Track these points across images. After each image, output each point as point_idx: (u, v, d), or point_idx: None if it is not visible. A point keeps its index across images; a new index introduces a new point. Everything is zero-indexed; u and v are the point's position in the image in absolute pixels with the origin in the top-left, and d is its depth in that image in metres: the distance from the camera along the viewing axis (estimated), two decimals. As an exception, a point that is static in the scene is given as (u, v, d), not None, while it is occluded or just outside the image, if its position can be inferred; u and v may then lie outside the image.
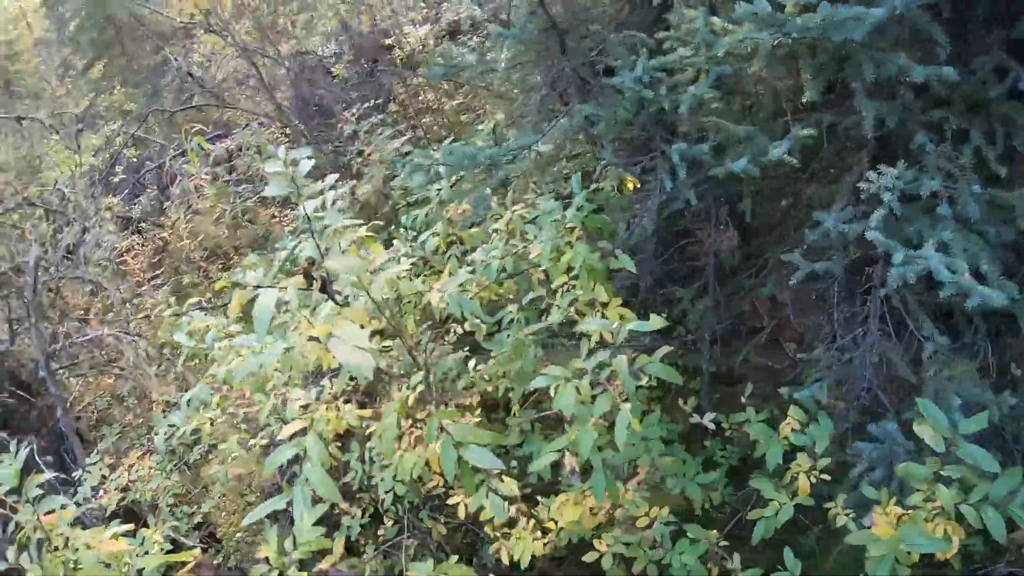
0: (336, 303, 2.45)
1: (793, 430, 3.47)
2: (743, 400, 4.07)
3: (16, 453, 2.59)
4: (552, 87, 4.79)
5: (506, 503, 3.55)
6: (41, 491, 2.64)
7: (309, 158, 2.39)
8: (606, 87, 3.92)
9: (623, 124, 4.01)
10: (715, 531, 3.69)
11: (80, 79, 10.19)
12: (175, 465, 4.79)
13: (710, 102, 3.48)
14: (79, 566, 2.65)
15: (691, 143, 3.62)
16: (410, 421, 4.01)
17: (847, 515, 2.97)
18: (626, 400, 2.72)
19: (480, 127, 8.09)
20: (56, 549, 2.64)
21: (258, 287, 2.21)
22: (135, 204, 8.56)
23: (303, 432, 2.43)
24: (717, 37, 3.05)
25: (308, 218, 2.34)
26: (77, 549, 2.60)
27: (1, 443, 3.79)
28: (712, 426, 4.20)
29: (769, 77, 3.29)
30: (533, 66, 4.78)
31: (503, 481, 3.63)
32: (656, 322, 2.88)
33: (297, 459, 2.85)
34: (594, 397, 2.73)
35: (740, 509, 4.22)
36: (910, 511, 2.60)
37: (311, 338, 2.22)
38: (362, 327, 2.14)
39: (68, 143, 6.35)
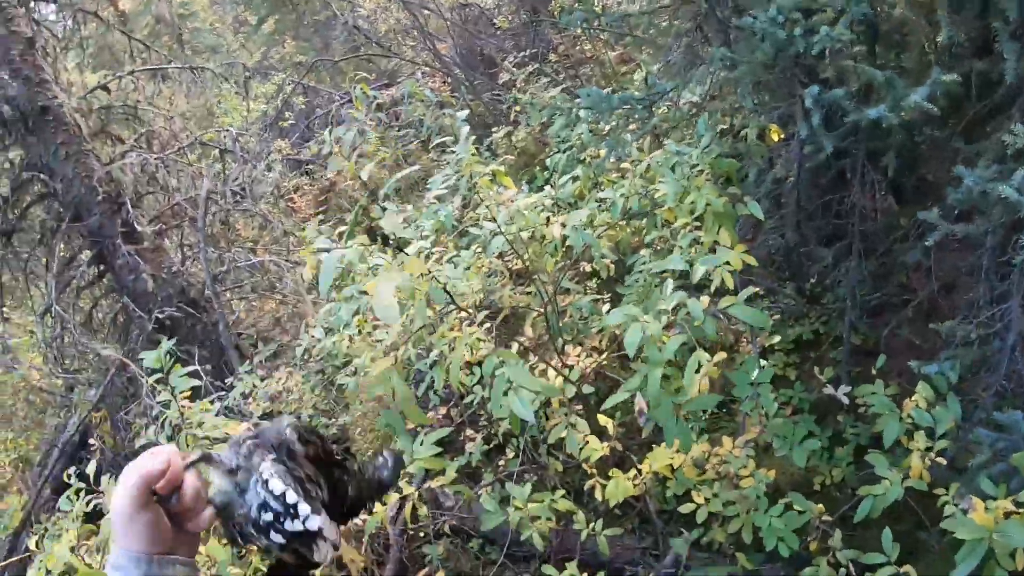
0: (398, 254, 2.63)
1: (917, 406, 3.18)
2: (873, 372, 3.78)
3: (163, 346, 3.01)
4: (697, 32, 4.58)
5: (603, 443, 3.62)
6: (184, 377, 3.05)
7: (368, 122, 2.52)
8: (743, 29, 3.70)
9: (761, 68, 3.78)
10: (822, 506, 3.51)
11: (253, 34, 11.15)
12: (320, 382, 5.29)
13: (850, 45, 3.18)
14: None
15: (829, 88, 3.35)
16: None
17: (956, 505, 2.69)
18: (705, 347, 2.65)
19: (636, 76, 7.91)
20: (192, 425, 3.03)
21: (323, 250, 2.44)
22: (305, 148, 9.34)
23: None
24: (854, -29, 2.77)
25: (364, 183, 2.50)
26: (207, 430, 2.98)
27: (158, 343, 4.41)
28: (846, 400, 3.96)
29: (912, 20, 2.94)
30: (675, 11, 4.59)
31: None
32: (738, 250, 2.75)
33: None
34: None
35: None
36: (1022, 509, 2.32)
37: (362, 292, 2.43)
38: (415, 274, 2.29)
39: (238, 90, 7.08)
